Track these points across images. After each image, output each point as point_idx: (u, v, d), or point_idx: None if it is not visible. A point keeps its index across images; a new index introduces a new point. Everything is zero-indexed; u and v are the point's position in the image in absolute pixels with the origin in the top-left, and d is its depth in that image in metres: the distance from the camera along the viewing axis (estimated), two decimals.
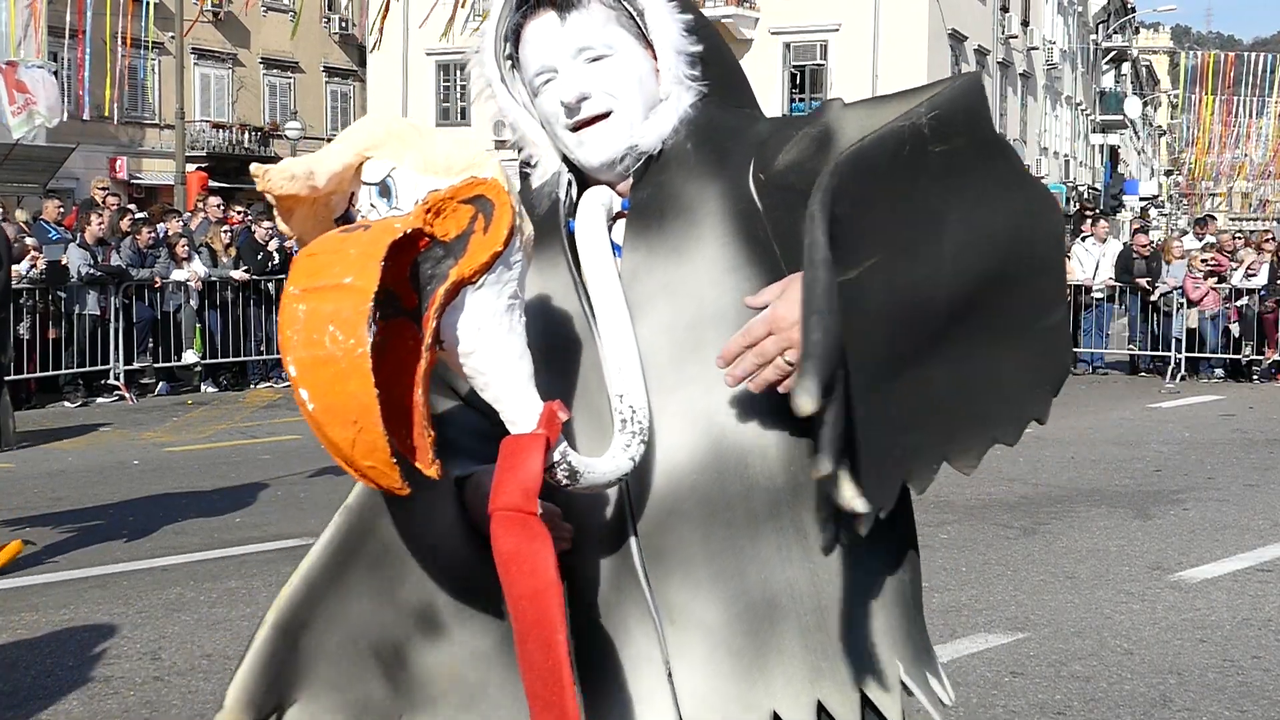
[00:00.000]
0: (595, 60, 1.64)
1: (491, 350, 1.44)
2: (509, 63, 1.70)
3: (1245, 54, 73.83)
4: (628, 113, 1.64)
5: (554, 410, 1.46)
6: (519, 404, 1.47)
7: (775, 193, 1.59)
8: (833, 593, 1.58)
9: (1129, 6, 56.42)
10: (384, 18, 20.31)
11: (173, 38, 26.24)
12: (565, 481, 1.48)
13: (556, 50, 1.64)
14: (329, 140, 1.64)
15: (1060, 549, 6.84)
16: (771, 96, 30.48)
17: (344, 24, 40.36)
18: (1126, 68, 60.73)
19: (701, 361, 1.56)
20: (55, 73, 23.95)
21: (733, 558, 1.57)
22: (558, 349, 1.63)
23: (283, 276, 14.37)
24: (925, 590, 1.79)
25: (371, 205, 1.51)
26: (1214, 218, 24.23)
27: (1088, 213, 25.96)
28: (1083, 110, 49.40)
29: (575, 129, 1.65)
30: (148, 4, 27.60)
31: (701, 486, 1.57)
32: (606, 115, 1.64)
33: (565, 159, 1.71)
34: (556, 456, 1.46)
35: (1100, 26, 52.46)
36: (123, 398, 12.78)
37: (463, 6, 11.34)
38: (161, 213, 15.68)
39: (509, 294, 1.45)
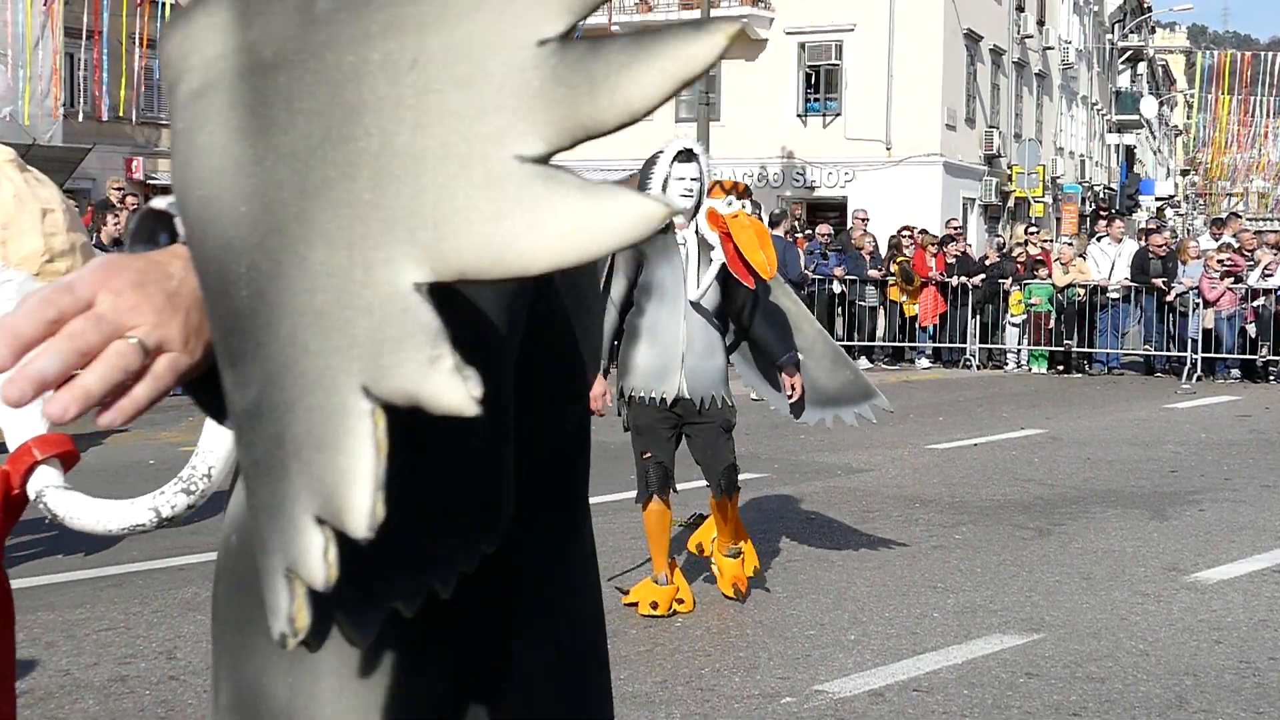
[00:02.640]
0: None
1: None
2: None
3: (1262, 53, 73.56)
4: None
5: (28, 447, 1.30)
6: (11, 433, 1.36)
7: None
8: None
9: (1145, 6, 56.18)
10: None
11: None
12: (56, 519, 1.31)
13: None
14: None
15: (1075, 550, 6.83)
16: (787, 97, 30.50)
17: None
18: (1142, 67, 60.48)
19: None
20: (73, 70, 24.01)
21: (239, 642, 1.26)
22: None
23: None
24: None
25: None
26: (1238, 215, 24.05)
27: (1103, 213, 25.86)
28: (1099, 110, 49.22)
29: None
30: (164, 5, 27.69)
31: (234, 548, 1.26)
32: None
33: None
34: (31, 495, 1.33)
35: (1116, 26, 52.25)
36: None
37: None
38: None
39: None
